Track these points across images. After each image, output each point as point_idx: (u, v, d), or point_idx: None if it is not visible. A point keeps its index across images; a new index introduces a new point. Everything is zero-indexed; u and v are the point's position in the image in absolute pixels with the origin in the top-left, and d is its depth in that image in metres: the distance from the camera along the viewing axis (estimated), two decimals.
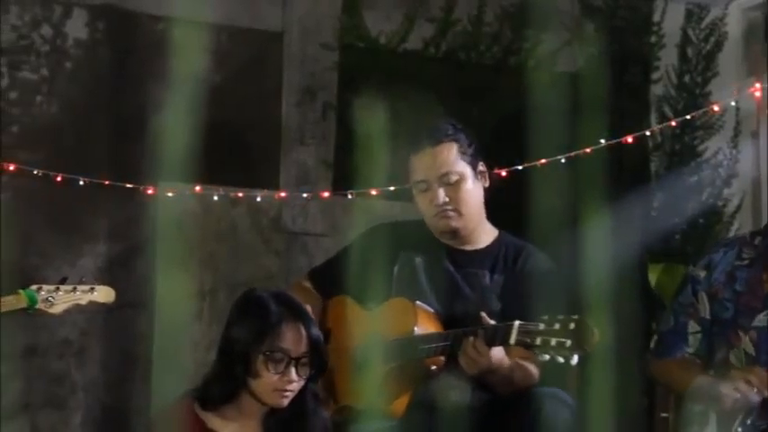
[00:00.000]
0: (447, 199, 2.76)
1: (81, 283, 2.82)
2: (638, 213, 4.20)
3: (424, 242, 2.82)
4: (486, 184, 2.83)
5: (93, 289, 2.83)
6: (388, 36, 4.47)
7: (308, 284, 2.93)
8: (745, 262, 2.72)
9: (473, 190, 2.79)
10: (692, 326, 2.74)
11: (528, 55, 4.49)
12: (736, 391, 2.53)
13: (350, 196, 3.83)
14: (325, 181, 4.34)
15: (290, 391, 2.34)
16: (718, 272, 2.73)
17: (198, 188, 3.81)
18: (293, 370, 2.34)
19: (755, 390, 2.52)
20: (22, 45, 4.07)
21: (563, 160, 3.42)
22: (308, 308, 2.62)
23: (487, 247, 2.83)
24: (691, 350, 2.73)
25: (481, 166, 2.82)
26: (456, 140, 2.78)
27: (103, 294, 2.85)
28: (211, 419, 2.36)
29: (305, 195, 4.15)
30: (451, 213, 2.77)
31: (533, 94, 3.63)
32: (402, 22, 4.46)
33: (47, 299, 2.75)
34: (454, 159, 2.76)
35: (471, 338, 2.59)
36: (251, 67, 4.36)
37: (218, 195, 3.85)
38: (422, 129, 2.82)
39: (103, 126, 4.16)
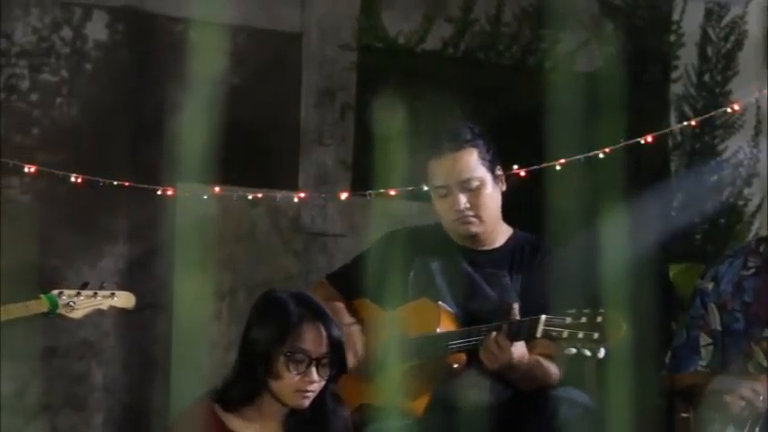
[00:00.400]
0: (468, 205, 2.76)
1: (102, 288, 2.84)
2: (659, 213, 4.18)
3: (440, 246, 2.82)
4: (504, 188, 2.83)
5: (113, 294, 2.84)
6: (406, 36, 4.46)
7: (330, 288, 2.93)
8: (751, 271, 2.70)
9: (492, 194, 2.79)
10: (704, 338, 2.73)
11: (547, 55, 4.48)
12: (741, 399, 2.52)
13: (369, 197, 3.83)
14: (344, 181, 4.34)
15: (311, 391, 2.34)
16: (724, 282, 2.71)
17: (217, 189, 3.82)
18: (314, 370, 2.33)
19: (761, 398, 2.51)
20: (42, 47, 4.09)
21: (582, 160, 3.41)
22: (339, 305, 2.62)
23: (503, 245, 2.84)
24: (703, 363, 2.72)
25: (498, 170, 2.82)
26: (476, 146, 2.77)
27: (124, 300, 2.87)
28: (232, 421, 2.36)
29: (324, 196, 4.15)
30: (472, 219, 2.77)
31: (552, 94, 3.63)
32: (421, 23, 4.46)
33: (68, 303, 2.77)
34: (475, 165, 2.76)
35: (493, 333, 2.60)
36: (269, 68, 4.36)
37: (237, 196, 3.85)
38: (440, 133, 2.81)
39: (123, 127, 4.17)
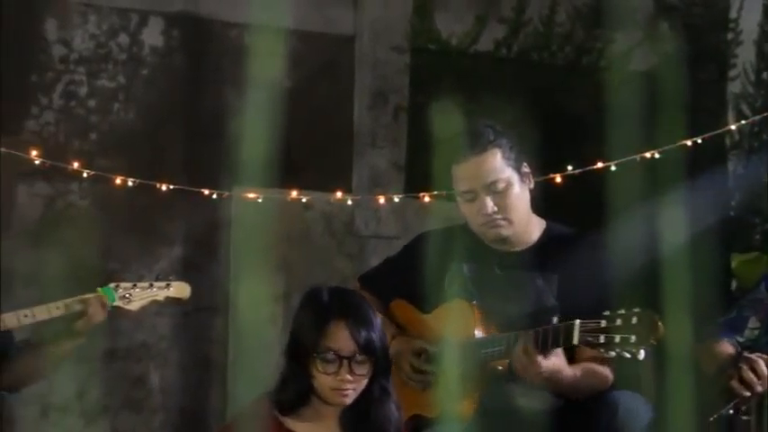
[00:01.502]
0: (496, 208, 2.68)
1: (157, 279, 2.85)
2: (716, 212, 4.13)
3: (472, 248, 2.75)
4: (532, 186, 2.74)
5: (168, 285, 2.84)
6: (459, 37, 4.45)
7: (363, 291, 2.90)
8: None
9: (520, 194, 2.71)
10: (753, 322, 2.69)
11: (601, 54, 4.45)
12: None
13: (423, 199, 3.83)
14: (397, 184, 4.34)
15: (348, 389, 2.31)
16: None
17: (272, 192, 3.84)
18: (346, 369, 2.30)
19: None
20: (100, 54, 4.15)
21: (638, 159, 3.38)
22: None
23: (535, 244, 2.75)
24: (741, 340, 2.68)
25: (525, 168, 2.73)
26: (499, 146, 2.69)
27: (179, 290, 2.85)
28: (290, 422, 2.35)
29: (377, 198, 4.16)
30: (501, 222, 2.69)
31: (607, 94, 3.59)
32: (473, 24, 4.45)
33: (124, 296, 2.77)
34: (500, 166, 2.68)
35: (521, 343, 2.53)
36: (323, 71, 4.38)
37: (291, 199, 3.87)
38: (462, 136, 2.72)
39: (179, 132, 4.22)
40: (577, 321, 2.49)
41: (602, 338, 2.45)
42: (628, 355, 2.42)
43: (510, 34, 4.47)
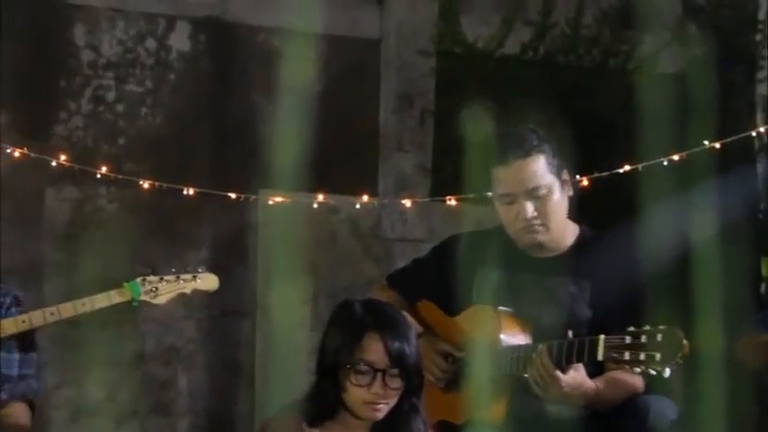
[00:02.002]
0: (535, 213, 2.65)
1: (184, 272, 2.81)
2: (745, 215, 4.10)
3: (504, 252, 2.72)
4: (571, 193, 2.71)
5: (195, 277, 2.80)
6: (485, 40, 4.45)
7: (390, 290, 2.87)
8: None
9: (560, 201, 2.68)
10: None
11: (628, 57, 4.43)
12: None
13: (448, 202, 3.83)
14: (424, 187, 4.34)
15: (381, 404, 2.27)
16: None
17: (298, 195, 3.85)
18: (379, 383, 2.26)
19: None
20: (127, 58, 4.17)
21: (665, 162, 3.36)
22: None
23: (568, 250, 2.72)
24: None
25: (565, 175, 2.70)
26: (543, 151, 2.65)
27: (207, 282, 2.82)
28: None
29: (404, 202, 4.16)
30: (539, 228, 2.66)
31: (634, 96, 3.58)
32: (499, 27, 4.44)
33: (150, 290, 2.75)
34: (542, 172, 2.65)
35: (539, 359, 2.48)
36: (349, 75, 4.39)
37: (317, 203, 3.88)
38: (505, 138, 2.69)
39: (206, 135, 4.23)
40: (602, 337, 2.45)
41: (626, 355, 2.40)
42: (653, 373, 2.39)
43: (536, 37, 4.47)
